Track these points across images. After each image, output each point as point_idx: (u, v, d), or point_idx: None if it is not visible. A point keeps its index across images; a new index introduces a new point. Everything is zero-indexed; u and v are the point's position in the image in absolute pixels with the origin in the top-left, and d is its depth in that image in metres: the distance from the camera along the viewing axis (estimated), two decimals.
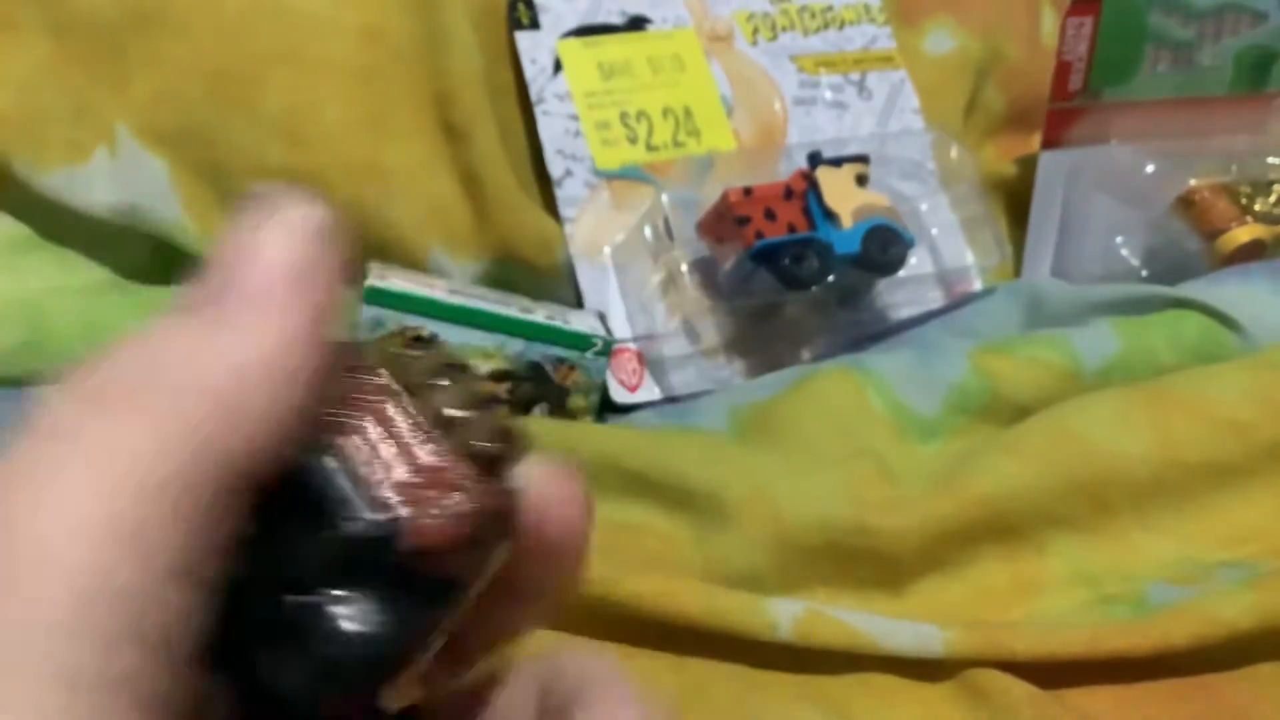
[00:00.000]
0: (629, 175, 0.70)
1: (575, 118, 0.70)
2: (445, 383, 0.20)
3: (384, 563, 0.18)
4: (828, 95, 0.76)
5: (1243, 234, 0.72)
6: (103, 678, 0.15)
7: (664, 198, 0.67)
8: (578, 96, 0.70)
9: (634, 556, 0.51)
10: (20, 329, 0.61)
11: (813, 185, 0.65)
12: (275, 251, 0.18)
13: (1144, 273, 0.74)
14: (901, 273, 0.67)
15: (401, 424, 0.19)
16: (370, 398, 0.19)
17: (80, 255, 0.66)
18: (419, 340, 0.21)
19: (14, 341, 0.61)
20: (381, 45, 0.66)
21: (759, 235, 0.63)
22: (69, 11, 0.63)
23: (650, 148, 0.71)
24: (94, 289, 0.65)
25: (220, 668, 0.18)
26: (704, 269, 0.67)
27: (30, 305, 0.62)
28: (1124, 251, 0.75)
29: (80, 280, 0.65)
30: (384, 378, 0.20)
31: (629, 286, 0.68)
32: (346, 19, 0.66)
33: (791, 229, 0.64)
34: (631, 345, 0.67)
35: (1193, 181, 0.74)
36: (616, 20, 0.73)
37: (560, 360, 0.62)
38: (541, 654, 0.23)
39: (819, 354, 0.69)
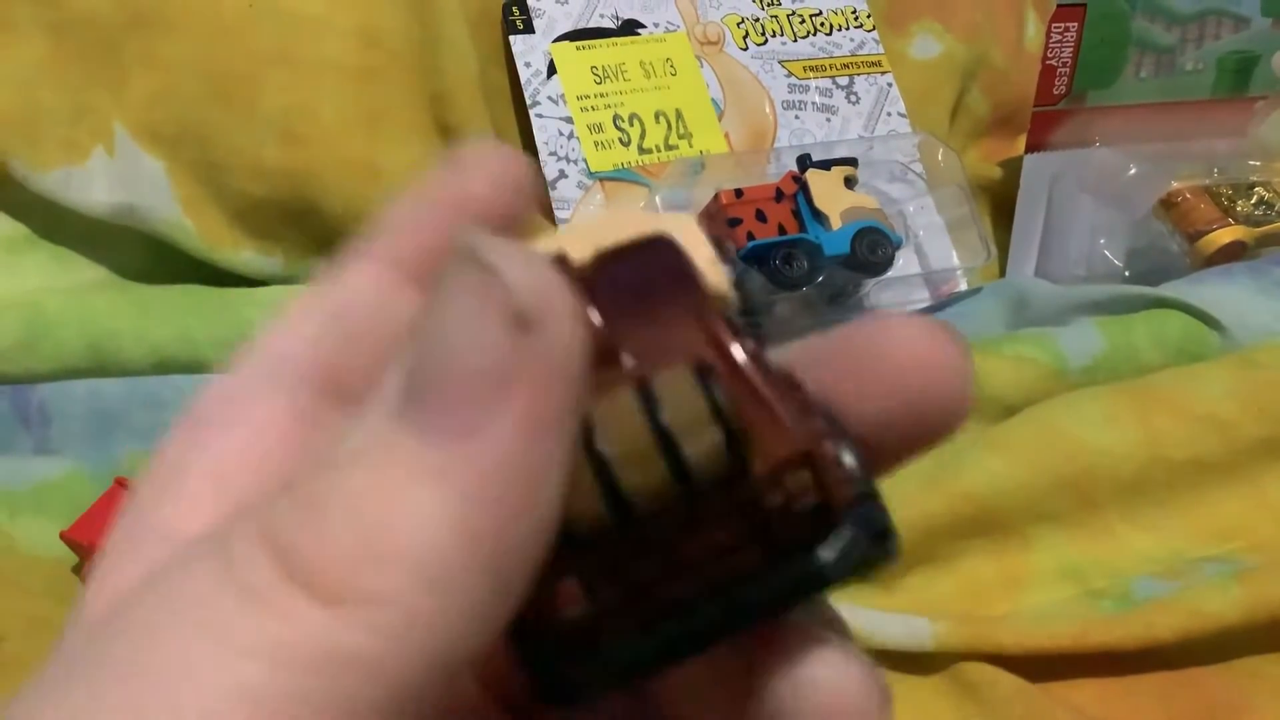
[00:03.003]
0: (622, 177, 0.71)
1: (569, 120, 0.71)
2: None
3: None
4: (816, 99, 0.77)
5: (1224, 235, 0.73)
6: None
7: (656, 199, 0.68)
8: (571, 99, 0.71)
9: None
10: (18, 328, 0.61)
11: (803, 188, 0.66)
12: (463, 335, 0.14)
13: (1127, 273, 0.75)
14: (889, 273, 0.67)
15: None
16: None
17: (78, 254, 0.66)
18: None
19: (11, 340, 0.61)
20: (378, 47, 0.67)
21: (750, 236, 0.64)
22: (67, 11, 0.63)
23: (643, 150, 0.71)
24: (92, 288, 0.65)
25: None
26: None
27: (28, 304, 0.62)
28: (1107, 252, 0.76)
29: (78, 279, 0.65)
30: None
31: None
32: (343, 20, 0.66)
33: (782, 230, 0.64)
34: None
35: (1175, 184, 0.75)
36: (609, 24, 0.74)
37: None
38: None
39: None
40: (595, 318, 0.17)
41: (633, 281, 0.17)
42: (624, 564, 0.16)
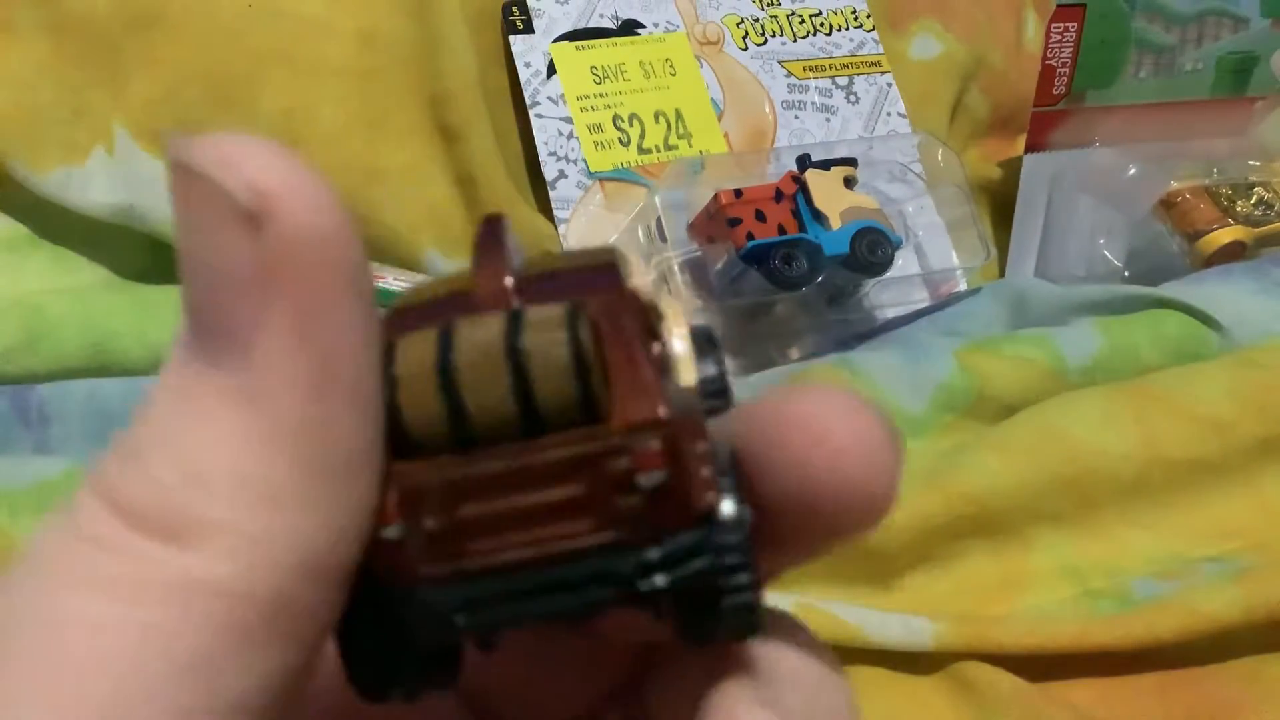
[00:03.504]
0: (621, 177, 0.71)
1: (568, 120, 0.71)
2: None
3: None
4: (816, 99, 0.77)
5: (1224, 235, 0.73)
6: None
7: (656, 199, 0.68)
8: (571, 99, 0.71)
9: None
10: (18, 328, 0.61)
11: (802, 187, 0.66)
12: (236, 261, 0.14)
13: (1126, 273, 0.75)
14: (889, 273, 0.68)
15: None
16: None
17: (78, 255, 0.66)
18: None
19: (11, 341, 0.61)
20: (378, 48, 0.67)
21: (749, 236, 0.64)
22: (66, 12, 0.63)
23: (642, 150, 0.71)
24: (92, 289, 0.65)
25: None
26: (695, 269, 0.67)
27: (28, 305, 0.62)
28: (1107, 252, 0.76)
29: (78, 280, 0.65)
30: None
31: None
32: (343, 21, 0.66)
33: (781, 230, 0.65)
34: None
35: (1174, 184, 0.75)
36: (609, 24, 0.74)
37: None
38: None
39: (808, 353, 0.70)
40: (509, 281, 0.16)
41: (563, 268, 0.17)
42: (455, 499, 0.15)
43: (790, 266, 0.64)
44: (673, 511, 0.15)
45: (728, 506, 0.16)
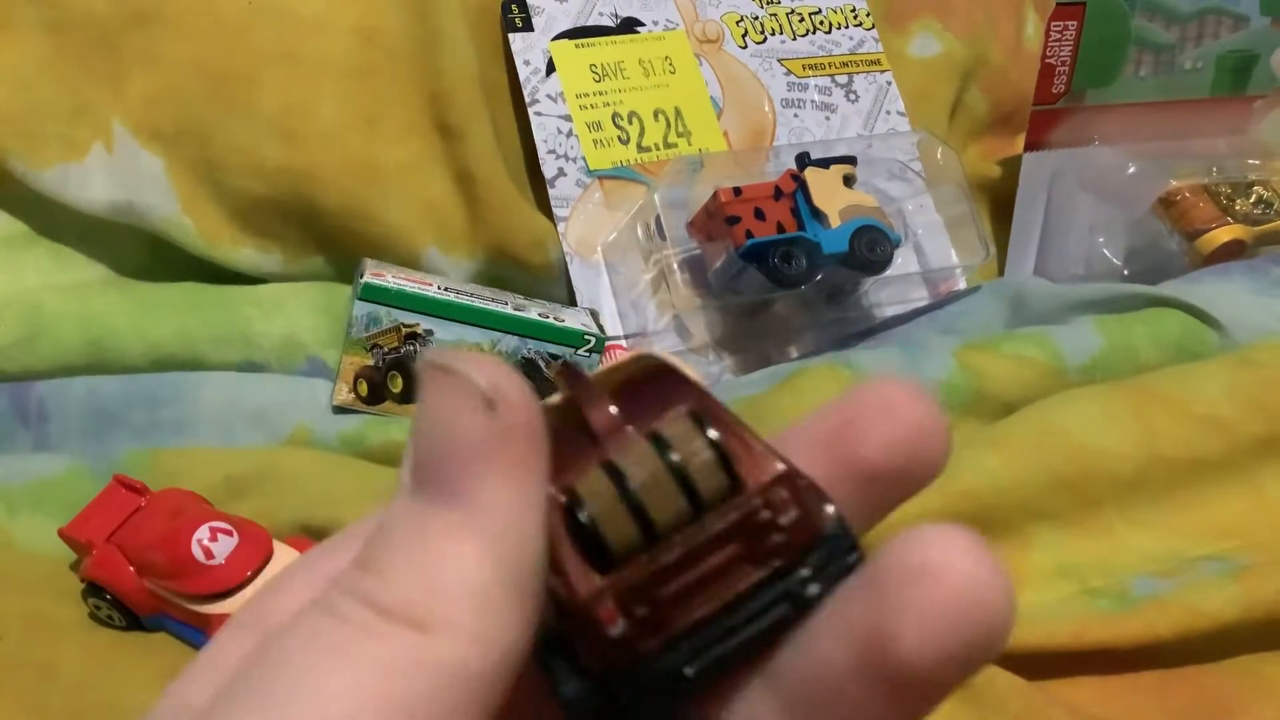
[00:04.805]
0: (621, 175, 0.71)
1: (568, 118, 0.71)
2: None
3: None
4: (815, 97, 0.77)
5: (1223, 234, 0.73)
6: None
7: (655, 197, 0.68)
8: (570, 97, 0.71)
9: None
10: (17, 325, 0.61)
11: (801, 186, 0.66)
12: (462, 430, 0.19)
13: (1125, 272, 0.75)
14: (888, 271, 0.67)
15: None
16: None
17: (77, 252, 0.66)
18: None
19: (11, 337, 0.61)
20: (377, 45, 0.67)
21: (749, 234, 0.64)
22: (66, 9, 0.63)
23: (641, 148, 0.71)
24: (90, 285, 0.65)
25: None
26: (694, 267, 0.67)
27: (27, 301, 0.62)
28: (1106, 251, 0.76)
29: (77, 276, 0.66)
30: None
31: (620, 284, 0.69)
32: (342, 19, 0.66)
33: (780, 228, 0.65)
34: (623, 342, 0.68)
35: (1174, 182, 0.75)
36: (608, 22, 0.74)
37: (554, 357, 0.63)
38: None
39: (807, 351, 0.70)
40: (612, 407, 0.21)
41: (638, 383, 0.21)
42: (654, 587, 0.19)
43: (789, 264, 0.64)
44: (807, 536, 0.20)
45: (830, 509, 0.20)
